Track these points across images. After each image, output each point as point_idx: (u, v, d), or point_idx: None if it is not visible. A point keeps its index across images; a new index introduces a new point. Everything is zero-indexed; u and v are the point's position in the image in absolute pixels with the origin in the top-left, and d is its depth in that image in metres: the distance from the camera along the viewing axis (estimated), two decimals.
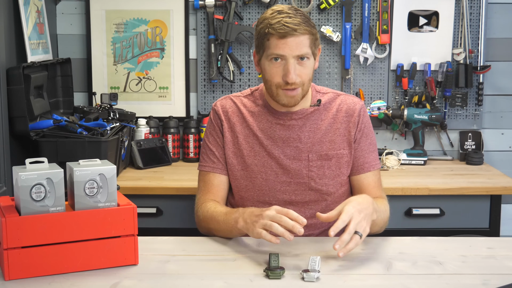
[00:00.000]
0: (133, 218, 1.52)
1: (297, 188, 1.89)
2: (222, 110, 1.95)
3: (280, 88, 1.79)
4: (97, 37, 3.06)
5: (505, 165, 3.09)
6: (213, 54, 3.00)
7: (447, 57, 3.06)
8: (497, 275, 1.50)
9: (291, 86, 1.77)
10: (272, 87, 1.81)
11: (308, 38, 1.77)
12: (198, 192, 1.94)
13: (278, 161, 1.89)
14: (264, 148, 1.89)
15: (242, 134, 1.91)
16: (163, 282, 1.45)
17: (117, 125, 2.69)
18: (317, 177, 1.88)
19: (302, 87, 1.80)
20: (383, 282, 1.46)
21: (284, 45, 1.75)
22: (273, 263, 1.47)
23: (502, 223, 2.68)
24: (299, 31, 1.74)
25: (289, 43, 1.74)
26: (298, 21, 1.75)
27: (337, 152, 1.89)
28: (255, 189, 1.90)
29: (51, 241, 1.45)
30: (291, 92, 1.79)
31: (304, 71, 1.78)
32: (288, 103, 1.82)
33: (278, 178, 1.88)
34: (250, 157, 1.90)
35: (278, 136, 1.89)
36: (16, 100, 2.35)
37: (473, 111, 3.10)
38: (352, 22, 3.03)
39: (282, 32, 1.73)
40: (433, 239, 1.77)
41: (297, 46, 1.75)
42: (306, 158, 1.88)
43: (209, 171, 1.93)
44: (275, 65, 1.78)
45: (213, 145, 1.94)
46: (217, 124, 1.95)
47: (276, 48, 1.75)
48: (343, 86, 3.07)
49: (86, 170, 1.49)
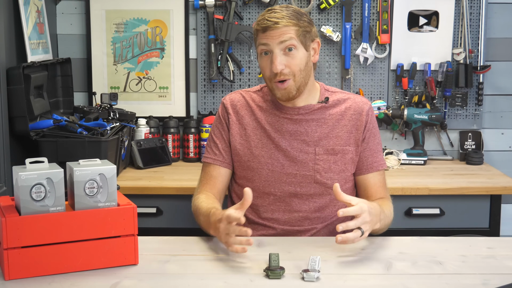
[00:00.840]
0: (133, 218, 1.52)
1: (303, 181, 1.91)
2: (230, 103, 1.99)
3: (272, 82, 1.85)
4: (97, 37, 3.06)
5: (505, 165, 3.09)
6: (213, 54, 3.00)
7: (447, 57, 3.06)
8: (497, 275, 1.50)
9: (279, 77, 1.82)
10: (267, 82, 1.89)
11: (293, 29, 1.82)
12: (198, 182, 2.00)
13: (285, 153, 1.92)
14: (271, 140, 1.93)
15: (250, 126, 1.95)
16: (163, 282, 1.45)
17: (117, 125, 2.69)
18: (322, 170, 1.91)
19: (294, 78, 1.84)
20: (383, 282, 1.47)
21: (267, 37, 1.82)
22: (273, 263, 1.47)
23: (502, 223, 2.68)
24: (281, 23, 1.80)
25: (271, 34, 1.81)
26: (282, 15, 1.82)
27: (343, 148, 1.92)
28: (261, 179, 1.92)
29: (51, 241, 1.45)
30: (282, 84, 1.84)
31: (292, 62, 1.82)
32: (282, 96, 1.87)
33: (284, 169, 1.91)
34: (257, 148, 1.93)
35: (286, 129, 1.92)
36: (16, 100, 2.35)
37: (473, 111, 3.10)
38: (352, 22, 3.03)
39: (263, 26, 1.82)
40: (433, 239, 1.77)
41: (279, 36, 1.81)
42: (312, 151, 1.91)
43: (210, 162, 1.98)
44: (264, 58, 1.85)
45: (218, 137, 1.99)
46: (223, 117, 1.99)
47: (261, 41, 1.84)
48: (343, 86, 3.07)
49: (86, 170, 1.49)
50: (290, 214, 1.93)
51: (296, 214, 1.92)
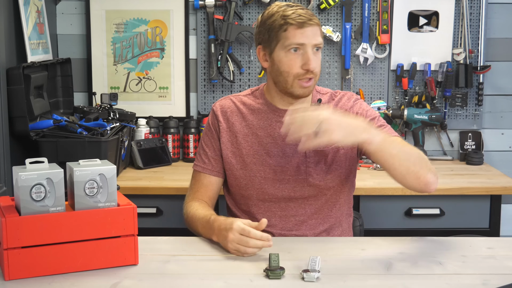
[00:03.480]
0: (133, 218, 1.52)
1: (296, 185, 1.89)
2: (220, 110, 1.96)
3: (297, 79, 1.81)
4: (97, 37, 3.06)
5: (505, 165, 3.09)
6: (213, 54, 3.00)
7: (447, 57, 3.06)
8: (497, 275, 1.50)
9: (310, 75, 1.80)
10: (289, 78, 1.81)
11: (319, 30, 1.82)
12: (188, 189, 1.99)
13: (276, 159, 1.89)
14: (263, 146, 1.90)
15: (241, 133, 1.92)
16: (163, 282, 1.45)
17: (117, 125, 2.69)
18: (314, 172, 1.89)
19: (315, 78, 1.83)
20: (383, 282, 1.46)
21: (303, 34, 1.78)
22: (273, 263, 1.47)
23: (502, 223, 2.68)
24: (314, 20, 1.80)
25: (307, 32, 1.78)
26: (310, 12, 1.81)
27: (333, 146, 1.89)
28: (255, 187, 1.90)
29: (51, 241, 1.45)
30: (307, 83, 1.81)
31: (318, 62, 1.82)
32: (303, 94, 1.84)
33: (277, 176, 1.89)
34: (249, 156, 1.90)
35: (278, 134, 1.89)
36: (16, 100, 2.35)
37: (473, 111, 3.10)
38: (352, 22, 3.03)
39: (300, 22, 1.77)
40: (433, 239, 1.76)
41: (314, 36, 1.79)
42: (303, 154, 1.89)
43: (200, 170, 1.96)
44: (294, 55, 1.80)
45: (207, 145, 1.96)
46: (213, 125, 1.96)
47: (295, 37, 1.78)
48: (343, 86, 3.07)
49: (86, 170, 1.49)
50: (286, 219, 1.91)
51: (293, 219, 1.90)
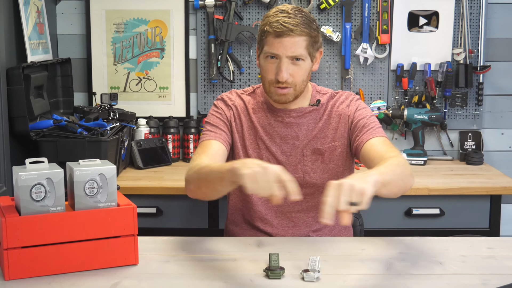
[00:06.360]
0: (133, 218, 1.52)
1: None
2: (229, 100, 1.97)
3: (272, 86, 1.83)
4: (97, 37, 3.06)
5: (505, 165, 3.09)
6: (213, 54, 3.00)
7: (447, 57, 3.06)
8: (497, 275, 1.50)
9: (282, 84, 1.80)
10: (266, 83, 1.85)
11: (305, 40, 1.78)
12: (193, 156, 1.84)
13: (274, 156, 1.91)
14: (263, 142, 1.92)
15: (246, 125, 1.94)
16: (163, 282, 1.45)
17: (117, 125, 2.68)
18: (311, 171, 1.91)
19: (294, 88, 1.83)
20: (383, 282, 1.46)
21: (279, 45, 1.77)
22: (273, 263, 1.47)
23: (502, 223, 2.68)
24: (296, 31, 1.76)
25: (284, 43, 1.77)
26: (296, 22, 1.76)
27: (329, 145, 1.91)
28: None
29: (51, 241, 1.45)
30: (282, 90, 1.82)
31: (297, 72, 1.80)
32: (279, 100, 1.86)
33: None
34: (251, 148, 1.93)
35: (276, 133, 1.91)
36: (16, 100, 2.35)
37: (473, 111, 3.10)
38: (352, 22, 3.03)
39: (278, 31, 1.76)
40: (433, 239, 1.77)
41: (292, 47, 1.77)
42: (300, 153, 1.91)
43: (210, 139, 1.87)
44: (270, 62, 1.82)
45: (216, 122, 1.91)
46: (225, 109, 1.94)
47: (271, 46, 1.79)
48: (343, 86, 3.07)
49: (86, 170, 1.49)
50: (283, 215, 1.93)
51: (289, 215, 1.93)
